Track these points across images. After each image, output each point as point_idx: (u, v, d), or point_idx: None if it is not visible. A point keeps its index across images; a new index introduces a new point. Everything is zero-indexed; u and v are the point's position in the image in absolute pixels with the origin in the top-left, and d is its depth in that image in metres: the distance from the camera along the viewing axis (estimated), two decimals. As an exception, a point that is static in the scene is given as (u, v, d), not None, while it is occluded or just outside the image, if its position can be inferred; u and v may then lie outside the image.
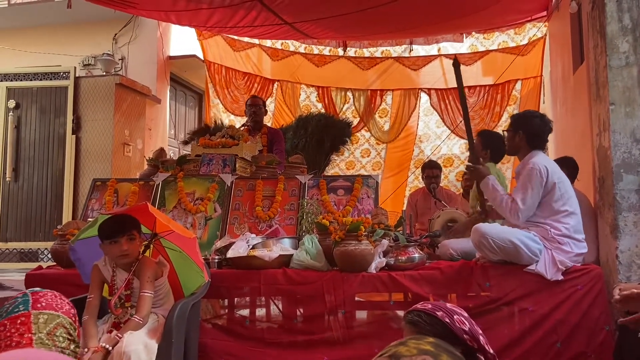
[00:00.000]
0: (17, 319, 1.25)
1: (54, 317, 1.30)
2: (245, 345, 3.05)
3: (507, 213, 3.08)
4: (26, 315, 1.26)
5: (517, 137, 3.21)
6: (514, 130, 3.23)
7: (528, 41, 6.83)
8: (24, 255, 6.02)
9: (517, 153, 3.27)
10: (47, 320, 1.28)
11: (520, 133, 3.20)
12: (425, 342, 0.80)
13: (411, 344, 0.80)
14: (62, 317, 1.31)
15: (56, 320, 1.30)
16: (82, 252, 2.76)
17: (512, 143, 3.26)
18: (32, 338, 1.23)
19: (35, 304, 1.29)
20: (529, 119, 3.24)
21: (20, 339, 1.22)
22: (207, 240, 3.61)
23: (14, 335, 1.22)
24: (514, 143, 3.23)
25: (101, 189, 4.05)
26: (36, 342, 1.23)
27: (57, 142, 6.15)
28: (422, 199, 5.06)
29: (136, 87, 6.51)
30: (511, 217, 3.05)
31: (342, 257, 3.00)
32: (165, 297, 2.66)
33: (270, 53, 7.44)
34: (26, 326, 1.24)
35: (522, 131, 3.19)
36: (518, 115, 3.52)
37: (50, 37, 7.21)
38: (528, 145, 3.19)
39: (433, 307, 1.58)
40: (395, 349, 0.79)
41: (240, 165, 4.05)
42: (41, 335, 1.25)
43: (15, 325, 1.24)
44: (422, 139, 7.39)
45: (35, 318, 1.27)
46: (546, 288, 2.91)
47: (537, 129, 3.18)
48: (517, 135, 3.21)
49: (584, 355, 2.84)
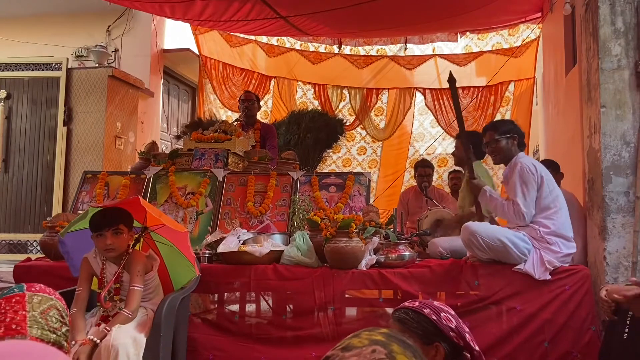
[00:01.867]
0: (12, 298, 1.31)
1: (47, 299, 1.36)
2: (234, 341, 3.05)
3: (511, 217, 3.09)
4: (21, 296, 1.32)
5: (509, 142, 3.23)
6: (506, 137, 3.22)
7: (522, 43, 6.86)
8: (12, 247, 5.98)
9: (508, 159, 3.24)
10: (41, 301, 1.34)
11: (515, 137, 3.24)
12: (377, 332, 0.83)
13: (364, 335, 0.83)
14: (55, 300, 1.37)
15: (49, 302, 1.35)
16: (71, 244, 2.74)
17: (505, 149, 3.23)
18: (25, 315, 1.28)
19: (29, 287, 1.37)
20: (513, 124, 3.34)
21: (15, 315, 1.27)
22: (198, 235, 3.60)
23: (9, 312, 1.28)
24: (507, 148, 3.23)
25: (92, 181, 4.02)
26: (29, 319, 1.28)
27: (48, 134, 6.10)
28: (414, 198, 5.08)
29: (129, 79, 6.47)
30: (517, 219, 3.06)
31: (332, 254, 3.01)
32: (154, 291, 2.66)
33: (267, 49, 7.42)
34: (20, 304, 1.30)
35: (516, 135, 3.24)
36: (498, 123, 3.53)
37: (43, 27, 7.14)
38: (519, 148, 3.25)
39: (420, 304, 1.60)
40: (349, 341, 0.82)
41: (233, 160, 4.05)
42: (34, 314, 1.30)
43: (10, 303, 1.30)
44: (416, 139, 7.41)
45: (29, 298, 1.33)
46: (534, 288, 2.94)
47: (521, 132, 3.28)
48: (509, 140, 3.23)
49: (570, 355, 2.87)
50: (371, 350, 0.77)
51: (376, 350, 0.77)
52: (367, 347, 0.78)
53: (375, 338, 0.80)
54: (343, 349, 0.79)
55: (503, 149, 3.23)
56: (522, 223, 3.06)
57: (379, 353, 0.77)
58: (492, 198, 3.21)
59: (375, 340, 0.79)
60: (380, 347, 0.78)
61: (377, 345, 0.78)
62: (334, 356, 0.79)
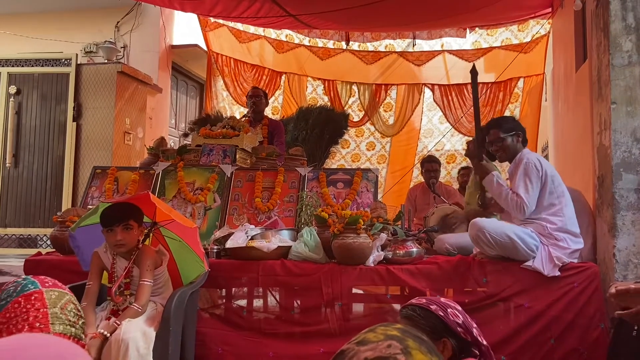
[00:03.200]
0: (30, 296, 1.32)
1: (63, 294, 1.37)
2: (242, 335, 3.07)
3: (512, 208, 3.07)
4: (39, 292, 1.33)
5: (514, 139, 3.24)
6: (510, 134, 3.22)
7: (531, 38, 6.81)
8: (23, 241, 6.04)
9: (513, 156, 3.25)
10: (58, 297, 1.36)
11: (520, 134, 3.24)
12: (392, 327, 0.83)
13: (379, 330, 0.83)
14: (69, 294, 1.39)
15: (65, 297, 1.37)
16: (81, 239, 2.77)
17: (510, 146, 3.24)
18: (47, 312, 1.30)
19: (43, 283, 1.37)
20: (516, 121, 3.36)
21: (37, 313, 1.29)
22: (206, 230, 3.62)
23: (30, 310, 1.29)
24: (513, 145, 3.24)
25: (101, 176, 4.05)
26: (51, 315, 1.30)
27: (57, 129, 6.15)
28: (421, 194, 5.07)
29: (138, 75, 6.50)
30: (517, 212, 3.05)
31: (340, 250, 3.01)
32: (164, 285, 2.68)
33: (275, 45, 7.42)
34: (40, 302, 1.31)
35: (520, 131, 3.25)
36: (501, 120, 3.54)
37: (52, 23, 7.18)
38: (522, 145, 3.25)
39: (427, 301, 1.61)
40: (364, 336, 0.82)
41: (241, 156, 4.06)
42: (55, 310, 1.32)
43: (30, 301, 1.30)
44: (425, 135, 7.39)
45: (47, 294, 1.34)
46: (542, 284, 2.93)
47: (523, 129, 3.28)
48: (514, 137, 3.23)
49: (577, 352, 2.86)
50: (387, 345, 0.78)
51: (392, 345, 0.77)
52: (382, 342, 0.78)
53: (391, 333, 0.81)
54: (358, 343, 0.80)
55: (509, 146, 3.23)
56: (520, 217, 3.06)
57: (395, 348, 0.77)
58: (498, 184, 3.17)
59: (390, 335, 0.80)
60: (395, 342, 0.78)
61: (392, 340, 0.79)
62: (349, 350, 0.80)
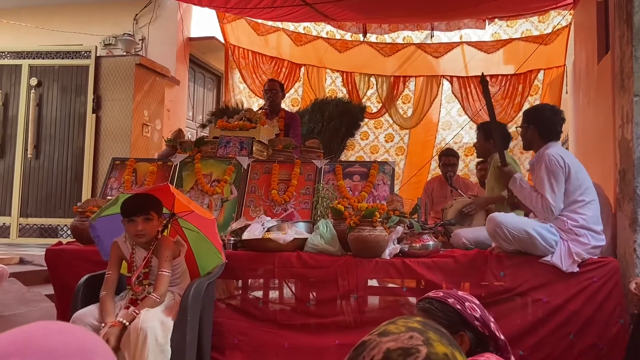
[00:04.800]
0: None
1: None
2: (258, 326, 3.09)
3: (539, 210, 3.03)
4: None
5: (528, 131, 3.22)
6: (526, 125, 3.24)
7: (552, 30, 6.69)
8: (43, 231, 6.15)
9: (532, 146, 3.26)
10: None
11: (531, 127, 3.20)
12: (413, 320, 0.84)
13: (400, 322, 0.84)
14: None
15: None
16: (101, 229, 2.81)
17: (525, 137, 3.28)
18: None
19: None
20: (538, 112, 3.26)
21: None
22: (223, 222, 3.65)
23: None
24: (527, 137, 3.25)
25: (120, 168, 4.10)
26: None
27: (77, 121, 6.23)
28: (439, 187, 5.04)
29: (156, 67, 6.55)
30: (545, 214, 3.01)
31: (356, 243, 3.01)
32: (181, 276, 2.71)
33: (294, 38, 7.40)
34: None
35: (532, 125, 3.20)
36: (529, 109, 3.52)
37: (72, 15, 7.27)
38: (541, 138, 3.18)
39: (444, 294, 1.60)
40: (385, 327, 0.83)
41: (257, 148, 4.07)
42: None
43: None
44: (443, 127, 7.34)
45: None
46: (561, 279, 2.89)
47: (547, 121, 3.18)
48: (528, 129, 3.21)
49: (596, 348, 2.83)
50: (408, 337, 0.78)
51: (413, 337, 0.78)
52: (404, 334, 0.79)
53: (412, 325, 0.81)
54: (380, 335, 0.81)
55: (524, 135, 3.25)
56: (550, 217, 3.01)
57: (416, 339, 0.78)
58: (522, 187, 3.15)
59: (412, 327, 0.80)
60: (417, 333, 0.79)
61: (413, 332, 0.79)
62: (370, 341, 0.80)
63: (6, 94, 6.25)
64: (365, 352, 0.79)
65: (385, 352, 0.77)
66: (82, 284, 2.71)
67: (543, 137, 3.17)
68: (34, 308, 3.61)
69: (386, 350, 0.77)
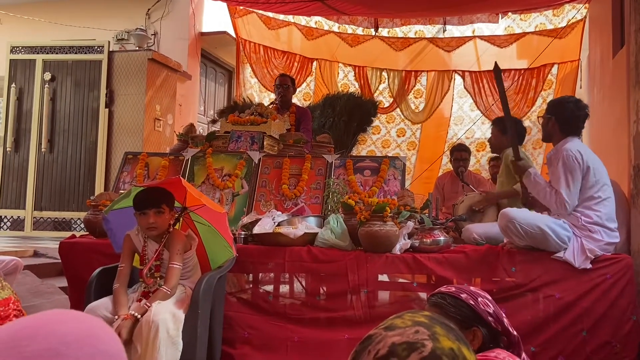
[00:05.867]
0: None
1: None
2: (268, 320, 3.11)
3: (553, 205, 3.00)
4: None
5: (549, 122, 3.15)
6: (547, 116, 3.17)
7: (567, 23, 6.60)
8: (57, 224, 6.23)
9: (552, 139, 3.19)
10: None
11: (552, 119, 3.13)
12: (420, 314, 0.84)
13: (406, 316, 0.84)
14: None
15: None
16: (114, 222, 2.84)
17: (545, 129, 3.20)
18: None
19: None
20: (561, 104, 3.17)
21: None
22: (234, 216, 3.66)
23: None
24: (547, 129, 3.18)
25: (132, 162, 4.14)
26: None
27: (90, 115, 6.28)
28: (450, 183, 5.01)
29: (168, 62, 6.57)
30: (559, 209, 2.98)
31: (366, 237, 3.01)
32: (192, 269, 2.73)
33: (305, 32, 7.39)
34: None
35: (554, 117, 3.13)
36: (552, 100, 3.45)
37: (85, 10, 7.31)
38: (561, 131, 3.11)
39: (457, 289, 1.58)
40: (392, 321, 0.83)
41: (268, 143, 4.08)
42: None
43: None
44: (455, 122, 7.29)
45: None
46: (573, 276, 2.87)
47: (569, 115, 3.10)
48: (549, 121, 3.15)
49: (609, 345, 2.81)
50: (414, 331, 0.78)
51: (419, 331, 0.78)
52: (410, 328, 0.79)
53: (418, 320, 0.81)
54: (386, 329, 0.81)
55: (544, 126, 3.19)
56: (564, 213, 2.98)
57: (422, 334, 0.78)
58: (536, 182, 3.11)
59: (418, 322, 0.80)
60: (423, 328, 0.79)
61: (420, 326, 0.79)
62: (376, 335, 0.80)
63: (20, 89, 6.31)
64: (371, 346, 0.79)
65: (390, 346, 0.77)
66: (95, 276, 2.74)
67: (563, 131, 3.11)
68: (48, 300, 3.66)
69: (391, 344, 0.77)
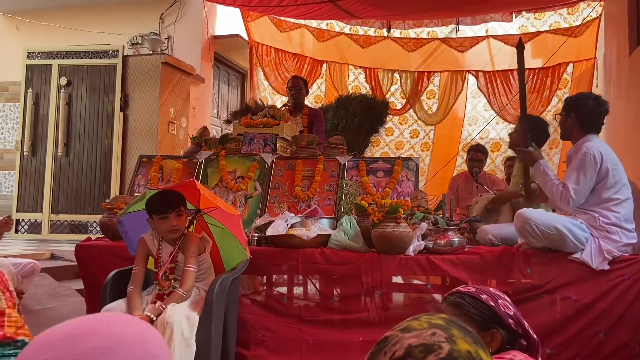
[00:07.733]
0: None
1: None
2: (282, 321, 3.11)
3: (556, 199, 2.94)
4: None
5: (569, 119, 3.07)
6: (566, 113, 3.09)
7: (582, 22, 6.53)
8: (73, 227, 6.30)
9: (571, 137, 3.11)
10: None
11: (572, 116, 3.05)
12: (436, 317, 0.83)
13: (423, 318, 0.83)
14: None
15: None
16: (129, 225, 2.86)
17: (564, 126, 3.12)
18: None
19: None
20: (581, 101, 3.08)
21: None
22: (247, 218, 3.67)
23: None
24: (566, 126, 3.09)
25: (147, 165, 4.17)
26: None
27: (106, 119, 6.36)
28: (464, 183, 4.97)
29: (181, 66, 6.63)
30: (561, 203, 2.92)
31: (380, 239, 3.00)
32: (207, 271, 2.74)
33: (316, 34, 7.41)
34: None
35: (574, 114, 3.04)
36: (571, 97, 3.36)
37: (100, 16, 7.41)
38: (581, 129, 3.03)
39: (477, 290, 1.55)
40: (408, 323, 0.82)
41: (281, 145, 4.09)
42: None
43: None
44: (469, 122, 7.24)
45: None
46: (591, 277, 2.82)
47: (589, 111, 3.01)
48: (569, 117, 3.07)
49: (627, 347, 2.76)
50: (431, 333, 0.78)
51: (436, 333, 0.77)
52: (427, 330, 0.78)
53: (435, 322, 0.81)
54: (402, 330, 0.80)
55: (562, 124, 3.11)
56: (565, 208, 2.92)
57: (439, 336, 0.77)
58: (545, 173, 3.03)
59: (435, 324, 0.80)
60: (440, 330, 0.78)
61: (436, 328, 0.79)
62: (393, 336, 0.80)
63: (37, 94, 6.41)
64: (387, 348, 0.79)
65: (407, 348, 0.77)
66: (110, 278, 2.76)
67: (583, 128, 3.02)
68: (65, 302, 3.70)
69: (408, 346, 0.77)
